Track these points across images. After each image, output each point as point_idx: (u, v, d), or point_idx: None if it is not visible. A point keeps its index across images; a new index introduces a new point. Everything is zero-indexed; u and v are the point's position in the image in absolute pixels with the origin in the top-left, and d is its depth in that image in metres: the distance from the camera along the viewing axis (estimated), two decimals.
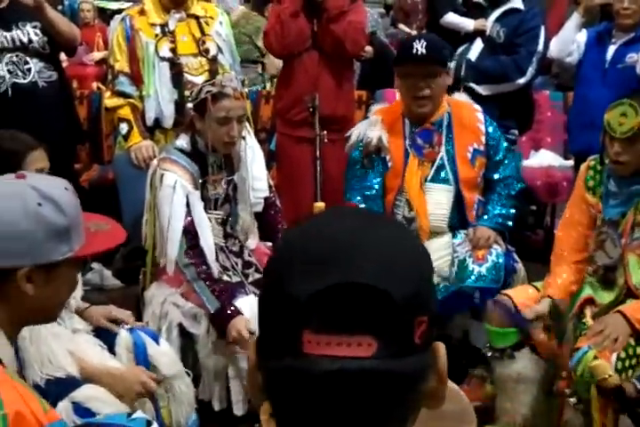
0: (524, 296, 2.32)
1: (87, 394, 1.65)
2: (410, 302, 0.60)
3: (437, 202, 2.63)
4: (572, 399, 2.11)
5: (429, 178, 2.64)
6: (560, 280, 2.30)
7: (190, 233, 2.38)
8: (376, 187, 2.67)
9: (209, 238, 2.41)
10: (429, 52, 2.53)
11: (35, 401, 1.09)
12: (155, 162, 2.52)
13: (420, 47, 2.53)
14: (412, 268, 0.63)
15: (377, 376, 0.60)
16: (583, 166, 2.38)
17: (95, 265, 3.68)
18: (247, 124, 2.64)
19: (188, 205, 2.38)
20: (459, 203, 2.65)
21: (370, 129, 2.67)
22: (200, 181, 2.46)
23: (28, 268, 1.18)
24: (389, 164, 2.66)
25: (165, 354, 2.04)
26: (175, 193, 2.37)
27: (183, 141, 2.50)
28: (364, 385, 0.60)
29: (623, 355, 2.02)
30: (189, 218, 2.39)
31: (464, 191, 2.64)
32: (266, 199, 2.68)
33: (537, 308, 2.25)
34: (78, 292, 2.09)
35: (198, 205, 2.42)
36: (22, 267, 1.18)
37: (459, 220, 2.66)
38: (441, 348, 0.65)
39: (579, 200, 2.34)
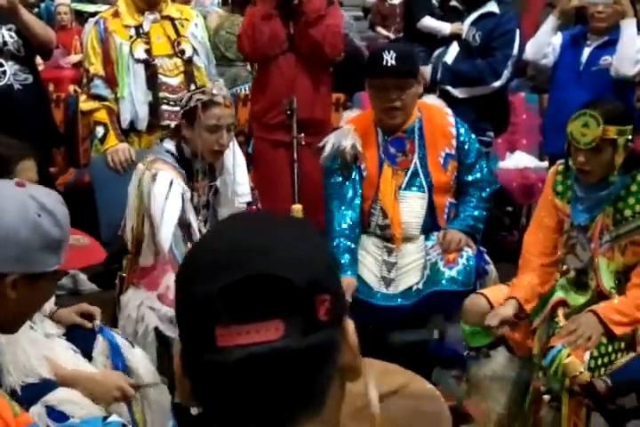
0: (499, 295, 2.34)
1: (60, 397, 1.64)
2: (309, 284, 0.66)
3: (411, 210, 2.65)
4: (547, 396, 2.13)
5: (403, 186, 2.65)
6: (526, 282, 2.32)
7: (184, 227, 2.38)
8: (353, 195, 2.67)
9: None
10: (399, 63, 2.51)
11: (5, 406, 1.09)
12: (141, 166, 2.50)
13: (389, 59, 2.51)
14: (307, 255, 0.68)
15: (289, 355, 0.65)
16: (551, 171, 2.41)
17: (70, 269, 3.65)
18: None
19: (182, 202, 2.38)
20: (431, 208, 2.67)
21: (343, 138, 2.66)
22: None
23: (16, 275, 1.19)
24: (364, 173, 2.67)
25: (141, 360, 2.03)
26: (172, 189, 2.36)
27: (170, 146, 2.49)
28: (278, 365, 0.65)
29: (596, 353, 2.05)
30: (183, 214, 2.38)
31: (435, 196, 2.66)
32: (248, 204, 2.68)
33: (501, 313, 2.26)
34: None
35: (190, 207, 2.41)
36: (11, 273, 1.19)
37: (432, 223, 2.68)
38: (349, 324, 0.71)
39: (547, 204, 2.37)
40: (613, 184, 2.17)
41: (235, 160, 2.62)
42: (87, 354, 1.95)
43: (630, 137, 2.14)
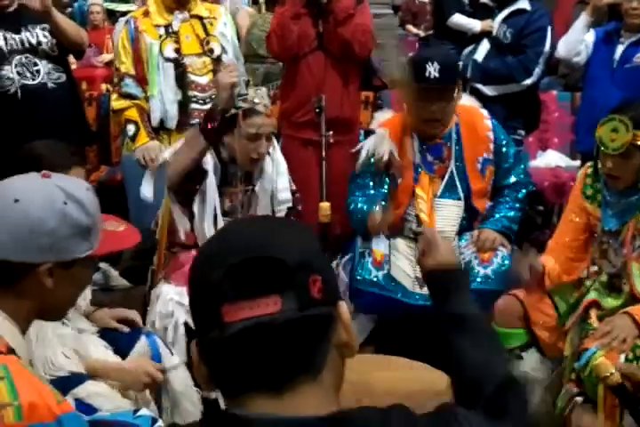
0: (531, 297, 2.33)
1: (89, 390, 1.66)
2: (301, 265, 0.77)
3: (447, 218, 2.64)
4: (579, 398, 2.11)
5: (439, 193, 2.63)
6: (551, 263, 2.32)
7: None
8: (380, 195, 2.65)
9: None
10: (443, 76, 2.45)
11: (49, 393, 1.13)
12: (168, 157, 2.54)
13: (432, 70, 2.46)
14: (299, 242, 0.81)
15: (287, 324, 0.75)
16: (581, 172, 2.38)
17: (102, 265, 3.69)
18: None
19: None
20: (469, 213, 2.65)
21: (379, 144, 2.63)
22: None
23: (50, 263, 1.22)
24: (399, 180, 2.65)
25: (177, 368, 2.06)
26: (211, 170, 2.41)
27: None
28: (278, 334, 0.75)
29: (631, 356, 2.02)
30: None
31: (476, 202, 2.64)
32: (289, 209, 2.68)
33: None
34: (88, 294, 2.12)
35: (213, 190, 2.46)
36: (46, 262, 1.21)
37: (468, 226, 2.66)
38: (343, 305, 0.81)
39: (576, 204, 2.35)
40: None
41: (278, 168, 2.63)
42: (123, 354, 1.98)
43: None
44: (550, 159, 4.12)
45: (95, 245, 1.28)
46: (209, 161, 2.46)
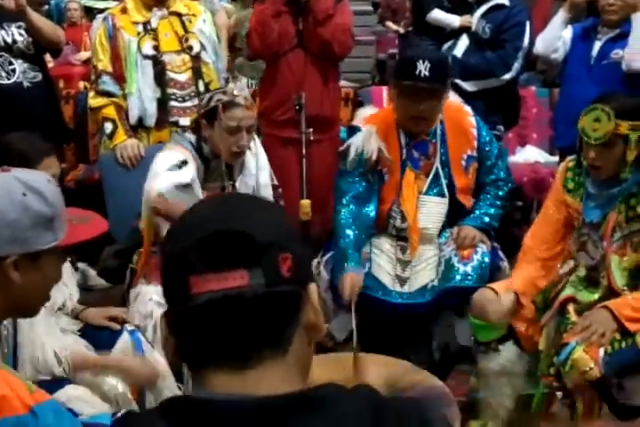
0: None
1: (69, 394, 1.65)
2: (271, 242, 0.77)
3: (430, 215, 2.64)
4: (559, 393, 2.12)
5: (424, 190, 2.63)
6: (526, 274, 2.32)
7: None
8: (369, 197, 2.64)
9: None
10: (433, 75, 2.43)
11: (20, 385, 1.12)
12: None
13: (423, 69, 2.43)
14: (270, 219, 0.81)
15: (253, 298, 0.75)
16: (561, 167, 2.39)
17: (80, 265, 3.66)
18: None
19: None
20: (455, 209, 2.65)
21: (367, 142, 2.62)
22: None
23: (15, 256, 1.21)
24: (385, 176, 2.64)
25: (159, 363, 2.05)
26: (187, 167, 2.37)
27: (191, 138, 2.49)
28: (243, 306, 0.75)
29: (610, 350, 2.03)
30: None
31: (462, 199, 2.65)
32: None
33: (498, 309, 2.26)
34: (75, 294, 2.12)
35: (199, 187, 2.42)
36: (10, 255, 1.21)
37: (451, 224, 2.67)
38: (314, 287, 0.81)
39: (555, 199, 2.36)
40: (625, 181, 2.15)
41: (258, 162, 2.61)
42: (105, 351, 1.98)
43: None
44: (529, 155, 4.15)
45: (60, 236, 1.28)
46: (190, 172, 2.42)
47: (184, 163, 2.40)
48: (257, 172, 2.60)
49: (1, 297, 1.23)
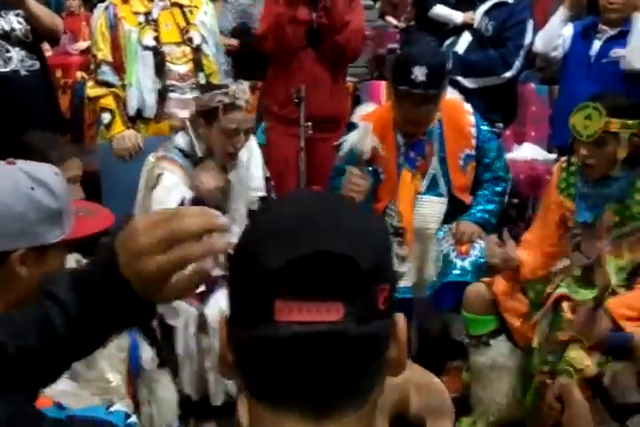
0: (502, 284, 2.34)
1: (58, 389, 1.64)
2: (374, 270, 0.64)
3: (429, 215, 2.64)
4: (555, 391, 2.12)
5: (423, 190, 2.63)
6: (526, 255, 2.35)
7: None
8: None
9: None
10: (430, 80, 2.42)
11: None
12: (151, 158, 2.50)
13: (419, 74, 2.42)
14: (375, 239, 0.67)
15: (346, 338, 0.63)
16: (556, 167, 2.40)
17: (74, 255, 3.64)
18: None
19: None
20: (456, 206, 2.66)
21: (362, 140, 2.61)
22: None
23: (22, 250, 1.20)
24: (382, 176, 2.64)
25: (153, 359, 2.04)
26: (170, 195, 2.36)
27: (181, 141, 2.48)
28: (333, 347, 0.63)
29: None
30: None
31: (461, 197, 2.65)
32: (262, 199, 2.66)
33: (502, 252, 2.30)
34: None
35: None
36: (17, 249, 1.20)
37: (448, 220, 2.67)
38: (400, 319, 0.69)
39: (551, 200, 2.37)
40: (617, 181, 2.15)
41: (251, 155, 2.61)
42: None
43: (635, 131, 2.11)
44: (526, 152, 4.14)
45: (67, 230, 1.27)
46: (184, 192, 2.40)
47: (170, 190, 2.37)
48: (248, 163, 2.60)
49: (7, 291, 1.22)
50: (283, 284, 0.63)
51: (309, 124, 3.09)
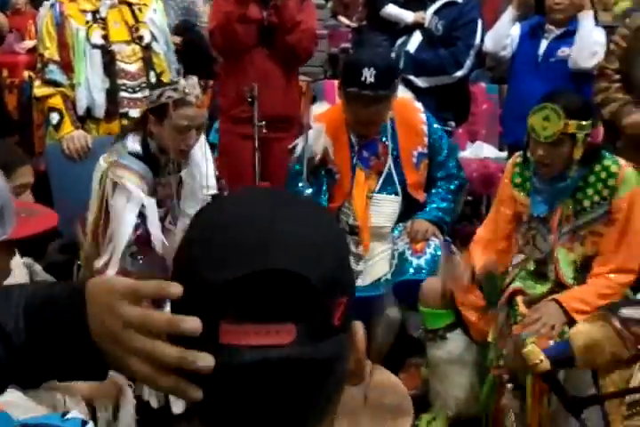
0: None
1: (4, 400, 1.59)
2: (328, 285, 0.58)
3: (384, 213, 2.65)
4: (510, 385, 2.15)
5: (377, 189, 2.63)
6: (479, 254, 2.37)
7: (142, 244, 2.34)
8: (318, 191, 2.64)
9: (164, 247, 2.36)
10: (379, 82, 2.41)
11: None
12: (103, 162, 2.44)
13: (369, 76, 2.41)
14: (328, 249, 0.61)
15: (298, 363, 0.58)
16: (509, 162, 2.43)
17: (25, 260, 3.56)
18: None
19: (140, 215, 2.34)
20: (410, 205, 2.66)
21: (315, 141, 2.60)
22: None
23: None
24: (336, 176, 2.64)
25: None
26: (127, 206, 2.32)
27: (134, 144, 2.43)
28: (285, 373, 0.58)
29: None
30: (140, 230, 2.34)
31: (415, 195, 2.66)
32: (214, 197, 2.64)
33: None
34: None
35: (152, 215, 2.36)
36: None
37: (402, 218, 2.68)
38: (359, 328, 0.64)
39: (505, 195, 2.40)
40: (571, 176, 2.19)
41: (205, 153, 2.58)
42: None
43: (589, 132, 2.16)
44: (479, 150, 4.20)
45: (8, 230, 1.24)
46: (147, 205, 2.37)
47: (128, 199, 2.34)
48: (201, 162, 2.57)
49: None
50: (227, 304, 0.57)
51: (263, 123, 3.08)
